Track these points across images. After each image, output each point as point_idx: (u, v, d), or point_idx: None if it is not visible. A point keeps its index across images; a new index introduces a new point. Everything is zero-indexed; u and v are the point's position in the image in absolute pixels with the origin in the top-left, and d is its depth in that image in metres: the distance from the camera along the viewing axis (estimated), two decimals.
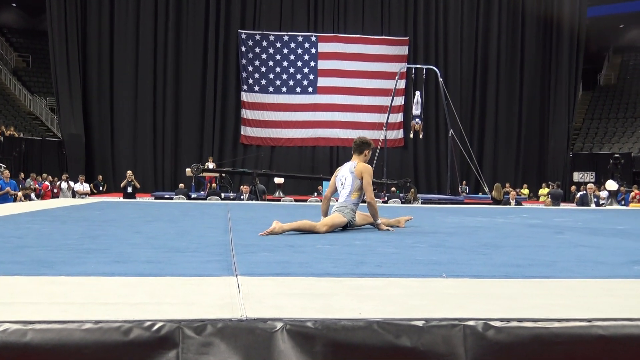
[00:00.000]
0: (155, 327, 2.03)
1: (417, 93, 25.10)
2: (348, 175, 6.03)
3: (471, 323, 2.14)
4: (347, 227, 5.94)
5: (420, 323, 2.13)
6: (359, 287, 2.75)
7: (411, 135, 26.67)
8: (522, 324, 2.15)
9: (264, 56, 29.64)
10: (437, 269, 3.36)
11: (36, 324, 1.98)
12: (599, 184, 23.46)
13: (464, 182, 28.28)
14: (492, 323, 2.14)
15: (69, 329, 1.98)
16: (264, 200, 17.98)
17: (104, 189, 24.82)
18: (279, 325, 2.08)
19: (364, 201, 6.05)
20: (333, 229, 5.72)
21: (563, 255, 4.29)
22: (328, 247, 4.41)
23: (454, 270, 3.37)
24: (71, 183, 20.70)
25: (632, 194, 21.62)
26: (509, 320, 2.17)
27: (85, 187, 20.90)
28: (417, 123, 25.08)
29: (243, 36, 29.36)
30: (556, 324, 2.16)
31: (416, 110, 25.11)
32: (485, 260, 3.88)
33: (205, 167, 22.21)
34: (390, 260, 3.74)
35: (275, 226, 5.31)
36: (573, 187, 20.89)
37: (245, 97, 29.53)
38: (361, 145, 6.12)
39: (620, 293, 2.77)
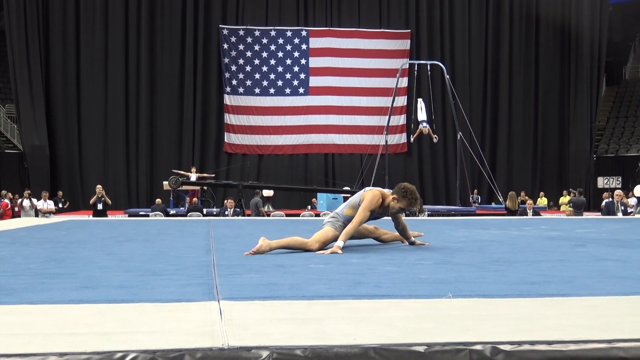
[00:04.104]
0: (127, 358, 2.04)
1: (420, 100, 24.71)
2: (356, 195, 6.04)
3: (478, 347, 2.17)
4: None
5: (421, 348, 2.16)
6: (355, 310, 2.78)
7: (411, 139, 26.60)
8: (534, 347, 2.18)
9: (248, 54, 29.73)
10: (442, 289, 3.39)
11: None
12: (627, 190, 23.53)
13: (475, 191, 28.34)
14: (501, 347, 2.17)
15: None
16: (263, 215, 18.03)
17: (65, 206, 24.75)
18: (264, 354, 2.10)
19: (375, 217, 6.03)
20: (326, 245, 5.75)
21: (584, 270, 4.33)
22: (322, 267, 4.44)
23: (462, 289, 3.41)
24: (34, 200, 20.66)
25: None
26: (520, 343, 2.20)
27: (50, 205, 20.87)
28: (424, 127, 24.72)
29: (225, 32, 29.45)
30: (572, 347, 2.19)
31: (421, 116, 24.89)
32: (496, 277, 3.92)
33: (187, 178, 22.20)
34: (391, 280, 3.77)
35: (262, 244, 5.33)
36: (605, 194, 20.98)
37: (229, 100, 29.59)
38: (398, 191, 5.83)
39: None
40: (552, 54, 31.32)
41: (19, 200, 21.16)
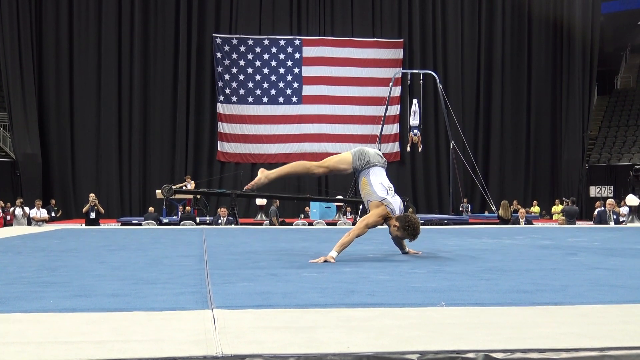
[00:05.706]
0: None
1: (415, 101, 25.17)
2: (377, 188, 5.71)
3: (471, 355, 2.18)
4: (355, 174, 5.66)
5: (414, 357, 2.17)
6: (348, 318, 2.79)
7: (408, 149, 26.79)
8: (526, 355, 2.20)
9: (242, 63, 29.76)
10: (435, 297, 3.40)
11: None
12: (619, 199, 23.61)
13: (465, 200, 28.32)
14: (493, 355, 2.18)
15: None
16: (275, 224, 18.02)
17: (58, 215, 24.67)
18: None
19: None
20: (332, 172, 5.46)
21: (576, 279, 4.35)
22: (315, 275, 4.45)
23: (455, 298, 3.42)
24: (26, 209, 20.59)
25: None
26: (512, 351, 2.21)
27: (43, 213, 20.82)
28: (415, 135, 25.08)
29: (218, 41, 29.47)
30: (564, 355, 2.20)
31: (414, 120, 25.14)
32: (489, 286, 3.93)
33: (182, 186, 22.16)
34: (384, 289, 3.78)
35: (260, 176, 5.24)
36: (598, 203, 21.06)
37: (222, 108, 29.58)
38: (402, 221, 5.64)
39: (637, 319, 2.82)
40: (544, 63, 31.45)
41: (11, 208, 21.10)
